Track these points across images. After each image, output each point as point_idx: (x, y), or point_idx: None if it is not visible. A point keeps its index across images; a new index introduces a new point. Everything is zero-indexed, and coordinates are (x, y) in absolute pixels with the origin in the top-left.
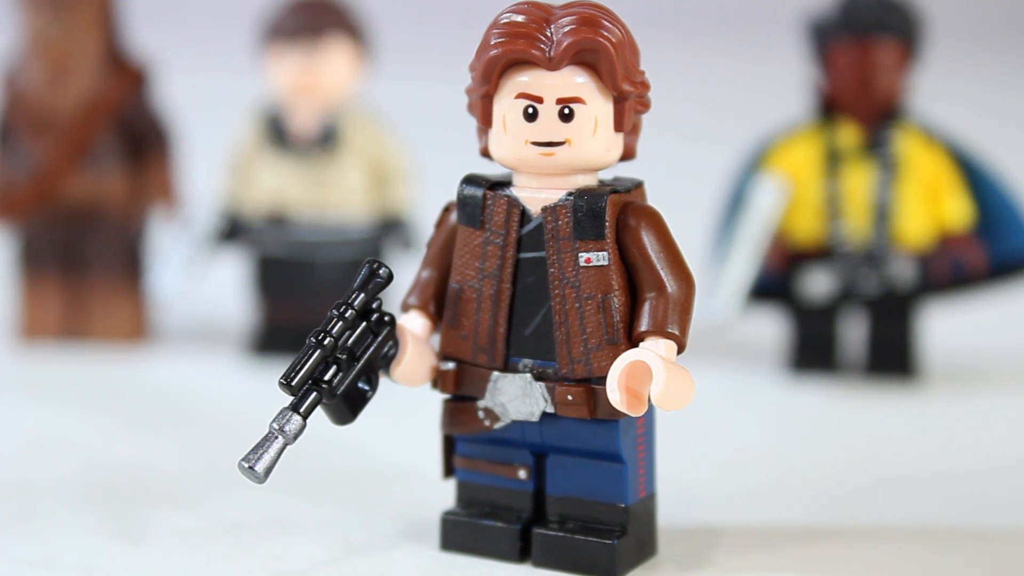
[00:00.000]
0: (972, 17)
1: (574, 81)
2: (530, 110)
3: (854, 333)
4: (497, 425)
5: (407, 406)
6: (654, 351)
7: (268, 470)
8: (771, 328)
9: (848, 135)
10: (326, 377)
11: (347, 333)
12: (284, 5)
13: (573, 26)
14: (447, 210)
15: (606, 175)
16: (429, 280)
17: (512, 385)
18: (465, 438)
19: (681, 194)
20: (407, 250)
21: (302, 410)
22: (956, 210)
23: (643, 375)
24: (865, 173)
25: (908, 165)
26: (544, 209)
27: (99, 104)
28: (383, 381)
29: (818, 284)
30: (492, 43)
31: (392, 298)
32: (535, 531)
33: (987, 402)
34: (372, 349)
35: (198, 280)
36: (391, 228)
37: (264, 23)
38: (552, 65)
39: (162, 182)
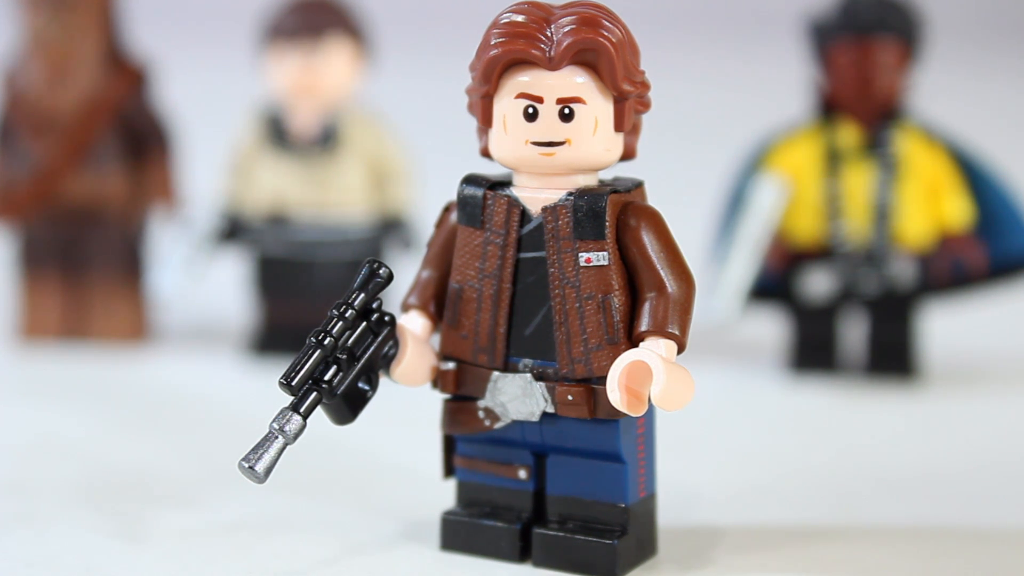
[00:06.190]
0: (972, 17)
1: (574, 81)
2: (530, 110)
3: (854, 333)
4: (497, 425)
5: (407, 406)
6: (654, 351)
7: (268, 470)
8: (771, 328)
9: (848, 135)
10: (326, 377)
11: (347, 333)
12: (284, 5)
13: (573, 26)
14: (447, 210)
15: (606, 175)
16: (429, 280)
17: (512, 385)
18: (465, 438)
19: (681, 194)
20: (407, 250)
21: (302, 410)
22: (956, 210)
23: (643, 375)
24: (865, 173)
25: (908, 165)
26: (544, 209)
27: (99, 104)
28: (383, 381)
29: (818, 284)
30: (492, 43)
31: (392, 298)
32: (535, 531)
33: (987, 402)
34: (372, 349)
35: (198, 280)
36: (391, 228)
37: (264, 23)
38: (552, 65)
39: (162, 182)
